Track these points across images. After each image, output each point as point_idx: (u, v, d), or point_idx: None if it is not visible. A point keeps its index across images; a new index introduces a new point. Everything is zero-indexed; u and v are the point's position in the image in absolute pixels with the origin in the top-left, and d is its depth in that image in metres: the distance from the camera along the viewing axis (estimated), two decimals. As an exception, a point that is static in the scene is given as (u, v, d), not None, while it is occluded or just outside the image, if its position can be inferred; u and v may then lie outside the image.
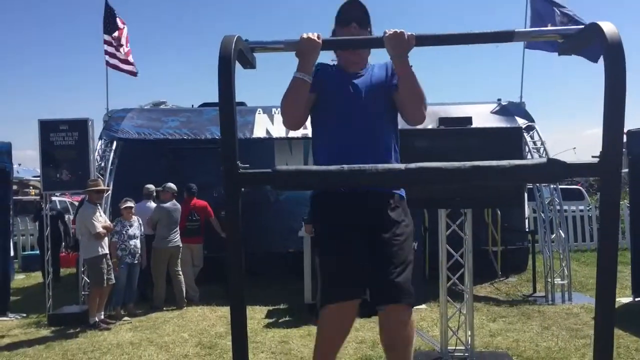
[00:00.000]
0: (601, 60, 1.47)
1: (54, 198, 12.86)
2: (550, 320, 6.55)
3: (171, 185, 7.88)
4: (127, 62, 9.58)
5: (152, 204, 7.92)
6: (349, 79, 2.43)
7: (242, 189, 1.58)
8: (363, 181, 1.57)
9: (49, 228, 7.91)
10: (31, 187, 22.15)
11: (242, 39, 1.69)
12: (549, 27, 7.14)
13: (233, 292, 1.58)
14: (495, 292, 8.32)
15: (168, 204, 7.75)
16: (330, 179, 1.58)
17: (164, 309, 7.52)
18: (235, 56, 1.58)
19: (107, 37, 9.37)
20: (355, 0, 2.46)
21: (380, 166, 1.54)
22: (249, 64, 1.86)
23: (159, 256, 7.61)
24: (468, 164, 1.51)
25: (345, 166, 1.55)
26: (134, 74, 9.76)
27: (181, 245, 7.78)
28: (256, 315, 6.91)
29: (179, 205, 7.88)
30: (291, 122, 2.40)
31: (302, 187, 1.76)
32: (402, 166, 1.53)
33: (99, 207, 6.91)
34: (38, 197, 12.92)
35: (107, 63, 9.45)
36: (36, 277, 10.57)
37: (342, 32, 2.43)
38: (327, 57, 2.54)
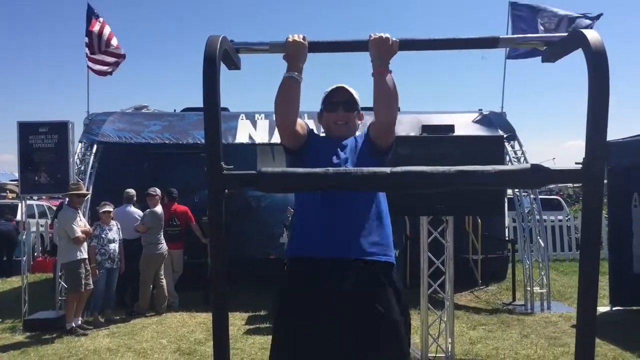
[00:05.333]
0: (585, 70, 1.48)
1: (30, 202, 12.72)
2: (530, 329, 6.60)
3: (157, 189, 7.80)
4: (115, 55, 9.42)
5: (133, 209, 7.84)
6: (337, 142, 2.43)
7: (226, 191, 1.56)
8: (348, 184, 1.56)
9: (25, 232, 7.77)
10: (8, 191, 21.83)
11: (227, 39, 1.67)
12: (531, 35, 7.25)
13: (216, 291, 1.56)
14: (476, 300, 8.37)
15: (158, 209, 7.68)
16: (315, 181, 1.57)
17: (143, 315, 7.42)
18: (220, 56, 1.56)
19: (88, 40, 9.25)
20: (342, 87, 2.49)
21: (366, 169, 1.53)
22: (234, 65, 1.84)
23: (150, 261, 7.51)
24: (453, 168, 1.51)
25: (331, 169, 1.54)
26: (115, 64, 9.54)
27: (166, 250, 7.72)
28: (236, 321, 6.86)
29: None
30: (284, 122, 2.29)
31: (287, 189, 1.74)
32: (387, 170, 1.53)
33: (79, 211, 6.82)
34: None
35: (89, 67, 9.34)
36: (11, 282, 10.37)
37: (328, 116, 2.49)
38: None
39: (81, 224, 6.69)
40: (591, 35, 1.50)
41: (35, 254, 12.00)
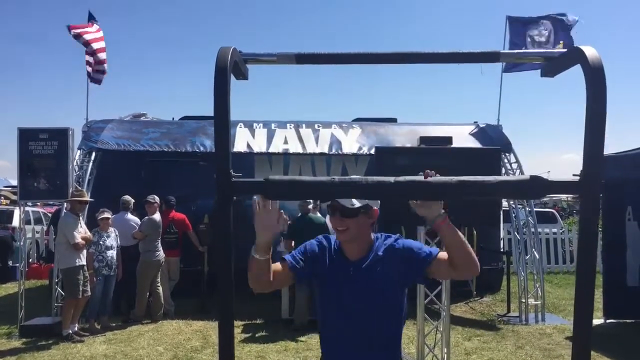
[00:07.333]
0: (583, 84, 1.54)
1: (26, 208, 12.69)
2: (524, 340, 6.63)
3: (156, 197, 7.82)
4: (99, 70, 9.50)
5: (130, 216, 7.85)
6: (351, 269, 2.18)
7: (234, 198, 1.60)
8: (353, 193, 1.61)
9: (22, 238, 7.77)
10: (2, 197, 21.79)
11: (237, 50, 1.72)
12: (532, 50, 7.35)
13: (222, 298, 1.59)
14: (471, 311, 8.40)
15: (156, 216, 7.70)
16: (321, 189, 1.61)
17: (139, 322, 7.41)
18: (231, 67, 1.61)
19: (88, 49, 9.30)
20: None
21: (370, 178, 1.58)
22: (242, 75, 1.89)
23: (147, 269, 7.51)
24: (455, 178, 1.56)
25: (336, 177, 1.59)
26: (97, 82, 9.63)
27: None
28: (232, 330, 6.86)
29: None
30: (258, 291, 2.23)
31: (294, 197, 1.78)
32: (391, 179, 1.58)
33: (81, 217, 6.84)
34: None
35: (89, 74, 9.39)
36: (7, 289, 10.34)
37: (329, 219, 2.31)
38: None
39: (82, 230, 6.70)
40: (589, 51, 1.56)
41: (31, 260, 11.97)
